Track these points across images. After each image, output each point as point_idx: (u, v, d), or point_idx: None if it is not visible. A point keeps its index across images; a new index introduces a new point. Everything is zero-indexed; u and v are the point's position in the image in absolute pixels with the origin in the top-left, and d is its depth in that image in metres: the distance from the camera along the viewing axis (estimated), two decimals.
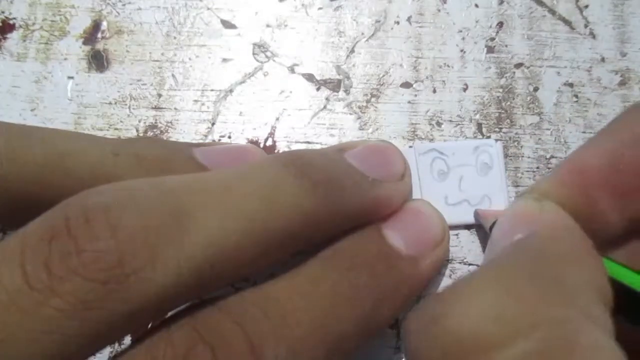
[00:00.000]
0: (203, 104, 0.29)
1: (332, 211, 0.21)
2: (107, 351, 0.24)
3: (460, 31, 0.30)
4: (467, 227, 0.27)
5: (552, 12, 0.30)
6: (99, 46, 0.30)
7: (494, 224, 0.23)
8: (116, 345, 0.25)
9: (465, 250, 0.26)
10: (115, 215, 0.17)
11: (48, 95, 0.29)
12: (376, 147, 0.24)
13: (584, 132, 0.28)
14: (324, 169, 0.21)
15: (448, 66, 0.29)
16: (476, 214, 0.26)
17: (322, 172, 0.21)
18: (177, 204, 0.18)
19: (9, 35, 0.30)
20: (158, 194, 0.18)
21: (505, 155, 0.28)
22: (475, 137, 0.28)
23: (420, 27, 0.30)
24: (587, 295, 0.17)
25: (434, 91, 0.29)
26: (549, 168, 0.27)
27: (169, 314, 0.19)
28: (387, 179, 0.23)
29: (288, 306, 0.19)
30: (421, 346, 0.17)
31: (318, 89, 0.29)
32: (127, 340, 0.24)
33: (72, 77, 0.29)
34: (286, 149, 0.28)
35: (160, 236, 0.17)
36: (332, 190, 0.21)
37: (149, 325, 0.19)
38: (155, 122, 0.29)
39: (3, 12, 0.30)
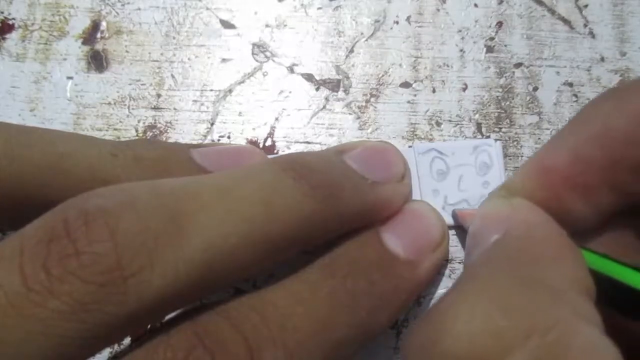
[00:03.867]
0: (202, 104, 0.29)
1: (331, 214, 0.21)
2: (106, 352, 0.24)
3: (460, 31, 0.30)
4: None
5: (552, 11, 0.30)
6: (98, 46, 0.30)
7: None
8: (115, 346, 0.25)
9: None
10: (113, 218, 0.17)
11: (47, 96, 0.29)
12: (375, 149, 0.24)
13: None
14: (322, 172, 0.21)
15: (447, 66, 0.29)
16: (454, 215, 0.26)
17: (321, 175, 0.21)
18: (176, 207, 0.18)
19: (8, 36, 0.30)
20: (157, 197, 0.18)
21: (505, 155, 0.27)
22: (474, 137, 0.28)
23: (419, 26, 0.30)
24: (572, 292, 0.17)
25: (434, 91, 0.29)
26: None
27: (169, 316, 0.19)
28: (387, 181, 0.23)
29: (286, 312, 0.19)
30: None
31: (317, 89, 0.29)
32: (127, 341, 0.24)
33: (71, 78, 0.29)
34: (285, 149, 0.28)
35: (159, 239, 0.17)
36: (331, 193, 0.21)
37: (148, 328, 0.19)
38: (155, 123, 0.29)
39: (2, 13, 0.30)
